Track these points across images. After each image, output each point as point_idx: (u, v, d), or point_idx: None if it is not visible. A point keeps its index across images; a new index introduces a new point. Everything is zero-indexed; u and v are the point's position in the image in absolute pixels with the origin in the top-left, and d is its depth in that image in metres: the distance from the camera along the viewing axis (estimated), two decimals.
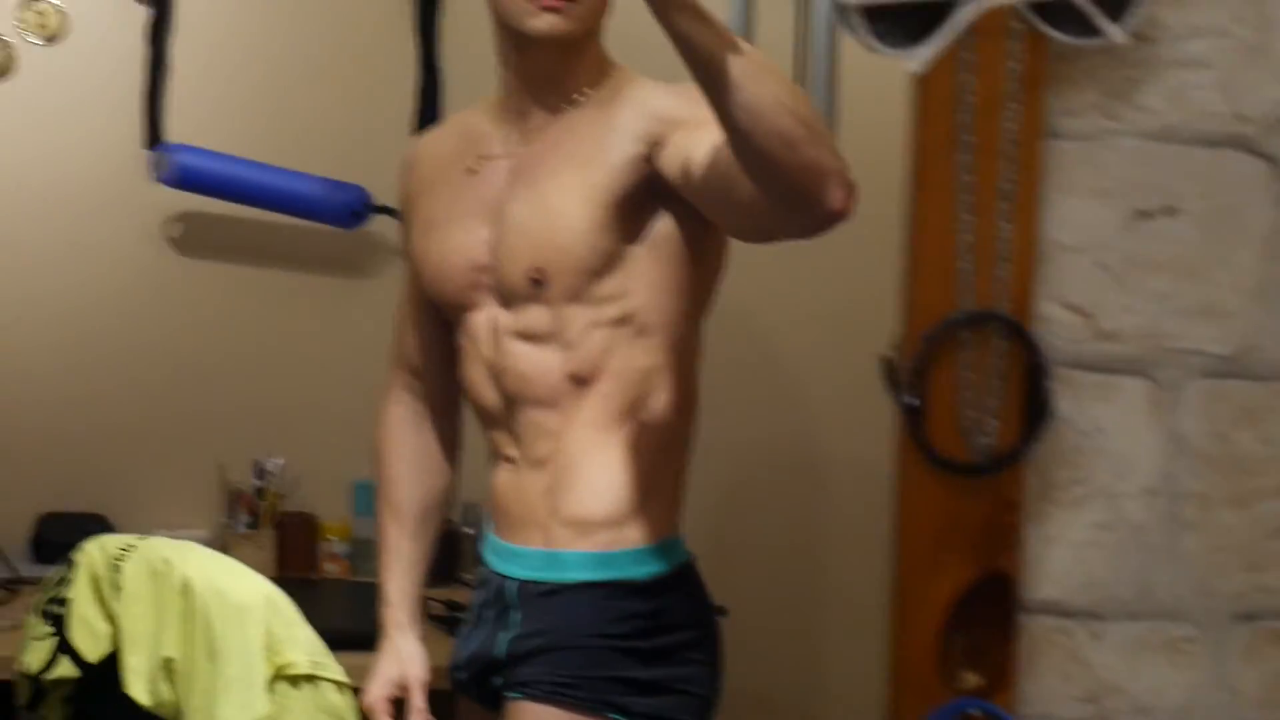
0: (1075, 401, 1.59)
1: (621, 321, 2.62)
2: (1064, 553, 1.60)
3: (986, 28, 1.52)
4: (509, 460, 2.70)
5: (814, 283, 3.28)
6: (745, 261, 2.46)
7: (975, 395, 1.54)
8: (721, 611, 3.57)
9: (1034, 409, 1.53)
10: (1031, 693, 1.59)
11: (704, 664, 2.70)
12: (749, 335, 3.31)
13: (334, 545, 3.84)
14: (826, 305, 3.33)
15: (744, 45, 2.29)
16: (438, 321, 2.84)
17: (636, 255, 2.61)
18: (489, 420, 2.74)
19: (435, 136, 2.87)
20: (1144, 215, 1.55)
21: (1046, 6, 1.52)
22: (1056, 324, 1.57)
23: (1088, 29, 1.52)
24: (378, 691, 2.85)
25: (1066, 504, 1.57)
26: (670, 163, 2.58)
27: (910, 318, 1.55)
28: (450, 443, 2.93)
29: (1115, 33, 1.55)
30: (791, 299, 3.43)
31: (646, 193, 2.61)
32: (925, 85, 1.52)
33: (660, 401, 2.64)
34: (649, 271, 2.64)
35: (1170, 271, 1.58)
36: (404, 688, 2.86)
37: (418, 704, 2.84)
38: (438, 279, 2.73)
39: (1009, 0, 1.53)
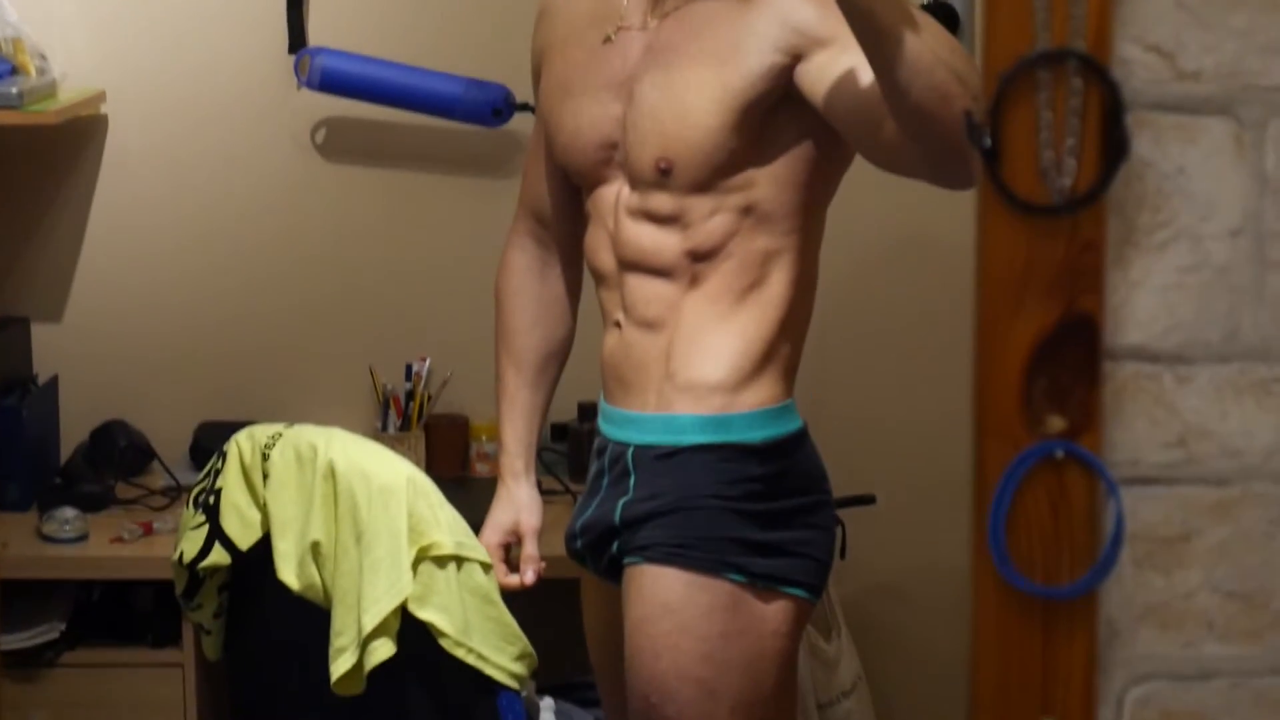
0: (1157, 144, 1.57)
1: (744, 210, 2.64)
2: (1149, 297, 1.58)
3: None
4: (616, 325, 2.72)
5: None
6: None
7: (1053, 136, 1.52)
8: (869, 500, 3.57)
9: (1112, 148, 1.52)
10: (1119, 438, 1.58)
11: (819, 528, 2.70)
12: None
13: (484, 445, 3.90)
14: None
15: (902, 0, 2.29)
16: (566, 173, 2.87)
17: (763, 153, 2.63)
18: (602, 281, 2.77)
19: None
20: None
21: None
22: (1136, 65, 1.55)
23: None
24: (490, 537, 2.89)
25: (1150, 248, 1.55)
26: (811, 83, 2.59)
27: (988, 62, 1.54)
28: (574, 292, 2.96)
29: None
30: None
31: (779, 100, 2.63)
32: None
33: (779, 281, 2.66)
34: (775, 168, 2.66)
35: (1252, 6, 1.56)
36: (517, 534, 2.90)
37: (529, 551, 2.87)
38: (570, 150, 2.76)
39: None
